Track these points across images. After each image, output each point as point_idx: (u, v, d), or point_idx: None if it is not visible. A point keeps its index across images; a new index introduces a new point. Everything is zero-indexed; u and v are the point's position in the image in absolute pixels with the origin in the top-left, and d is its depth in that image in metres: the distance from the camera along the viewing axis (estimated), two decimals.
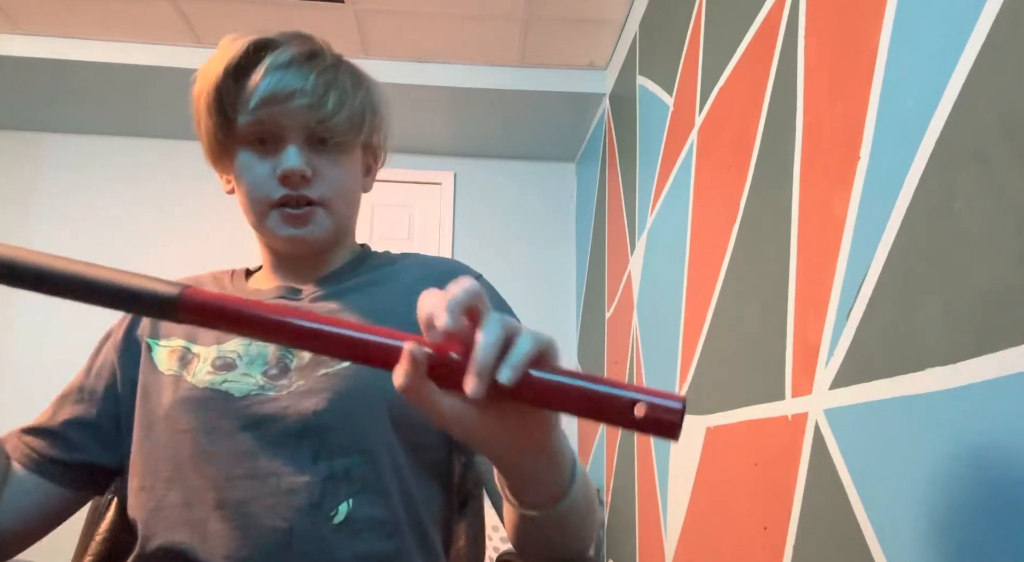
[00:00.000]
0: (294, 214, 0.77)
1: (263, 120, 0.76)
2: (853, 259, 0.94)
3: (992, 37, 0.72)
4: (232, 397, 0.71)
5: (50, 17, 2.45)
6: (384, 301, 0.79)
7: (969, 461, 0.72)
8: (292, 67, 0.76)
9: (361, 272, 0.85)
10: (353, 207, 0.85)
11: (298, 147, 0.77)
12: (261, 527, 0.65)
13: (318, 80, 0.76)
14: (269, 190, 0.77)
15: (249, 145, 0.78)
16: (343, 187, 0.81)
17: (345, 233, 0.86)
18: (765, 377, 1.18)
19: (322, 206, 0.79)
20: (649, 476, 1.85)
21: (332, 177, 0.79)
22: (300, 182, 0.77)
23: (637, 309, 2.08)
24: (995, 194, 0.70)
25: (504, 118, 2.89)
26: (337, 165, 0.80)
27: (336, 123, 0.77)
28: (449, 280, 0.77)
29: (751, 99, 1.33)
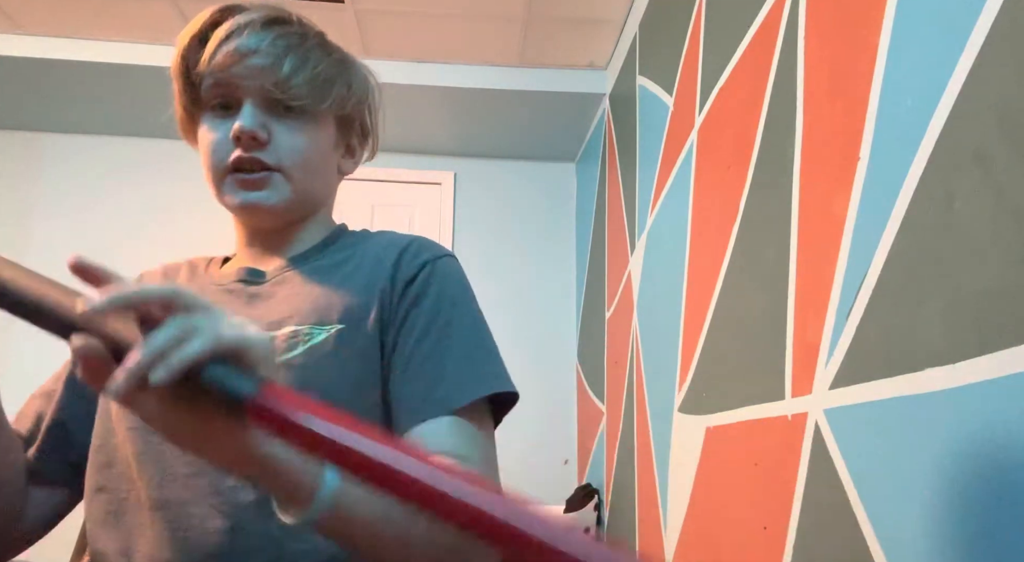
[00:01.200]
0: (247, 179, 0.75)
1: (221, 82, 0.75)
2: (853, 259, 0.94)
3: (992, 37, 0.72)
4: None
5: (50, 17, 2.45)
6: (343, 281, 0.76)
7: (969, 461, 0.72)
8: (251, 29, 0.74)
9: (332, 251, 0.82)
10: (317, 178, 0.80)
11: (253, 108, 0.74)
12: (200, 528, 0.63)
13: (277, 42, 0.74)
14: (224, 153, 0.75)
15: (211, 111, 0.77)
16: (303, 155, 0.77)
17: (310, 206, 0.82)
18: (765, 377, 1.18)
19: (279, 171, 0.76)
20: (649, 476, 1.85)
21: (291, 144, 0.76)
22: (252, 144, 0.74)
23: (637, 309, 2.08)
24: (995, 194, 0.70)
25: (504, 118, 2.89)
26: (298, 132, 0.77)
27: (294, 86, 0.75)
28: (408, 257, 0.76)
29: (751, 99, 1.32)
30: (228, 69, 0.74)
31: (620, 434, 2.21)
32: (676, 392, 1.65)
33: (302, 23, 0.79)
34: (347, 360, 0.70)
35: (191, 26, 0.76)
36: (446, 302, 0.75)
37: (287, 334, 0.70)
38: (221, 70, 0.74)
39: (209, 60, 0.74)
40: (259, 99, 0.75)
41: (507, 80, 2.69)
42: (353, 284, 0.75)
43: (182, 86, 0.77)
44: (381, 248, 0.79)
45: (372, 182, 3.09)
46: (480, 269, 3.11)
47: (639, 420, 1.98)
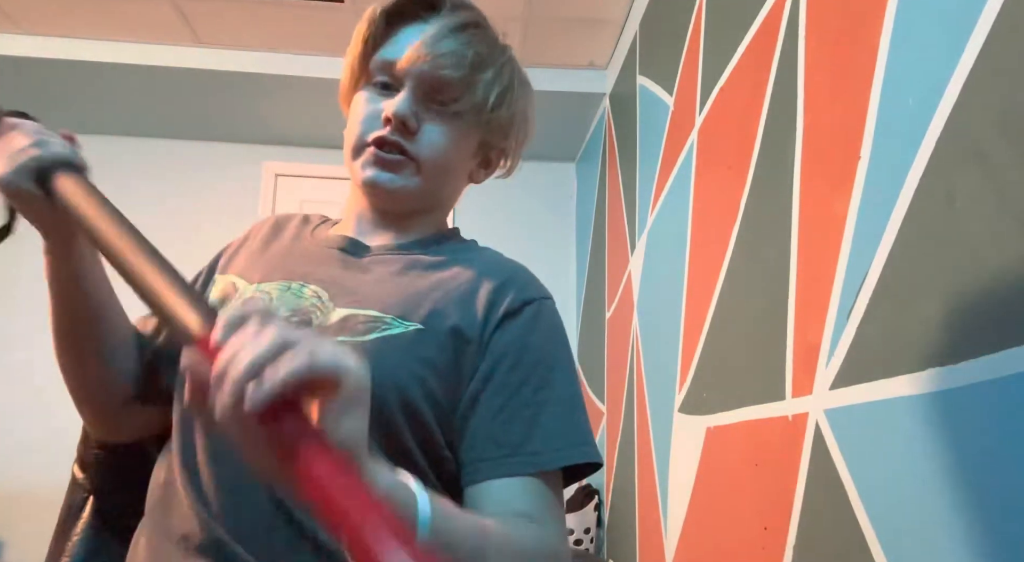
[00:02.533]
0: (384, 157, 0.76)
1: (394, 62, 0.76)
2: (853, 259, 0.94)
3: (992, 37, 0.72)
4: None
5: (50, 17, 2.45)
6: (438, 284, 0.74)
7: (969, 461, 0.72)
8: (453, 33, 0.76)
9: (436, 250, 0.81)
10: (447, 180, 0.82)
11: (412, 95, 0.76)
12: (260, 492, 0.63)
13: (470, 47, 0.76)
14: (371, 128, 0.76)
15: (372, 85, 0.78)
16: (443, 155, 0.78)
17: (432, 204, 0.83)
18: (765, 377, 1.18)
19: (414, 162, 0.77)
20: (649, 476, 1.85)
21: (434, 140, 0.77)
22: (401, 128, 0.75)
23: (637, 309, 2.08)
24: (995, 194, 0.70)
25: None
26: (444, 131, 0.77)
27: (465, 88, 0.77)
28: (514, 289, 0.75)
29: (751, 99, 1.32)
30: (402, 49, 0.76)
31: (620, 434, 2.21)
32: (676, 392, 1.65)
33: (489, 30, 0.81)
34: (416, 360, 0.68)
35: (384, 3, 0.78)
36: (550, 352, 0.73)
37: (369, 317, 0.70)
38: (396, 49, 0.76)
39: (393, 41, 0.77)
40: (419, 90, 0.76)
41: None
42: (446, 291, 0.74)
43: (358, 53, 0.79)
44: (485, 266, 0.78)
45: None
46: None
47: (639, 420, 1.98)
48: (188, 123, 2.98)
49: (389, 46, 0.77)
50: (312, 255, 0.79)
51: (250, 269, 0.78)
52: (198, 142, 3.12)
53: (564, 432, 0.68)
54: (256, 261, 0.79)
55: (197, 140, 3.12)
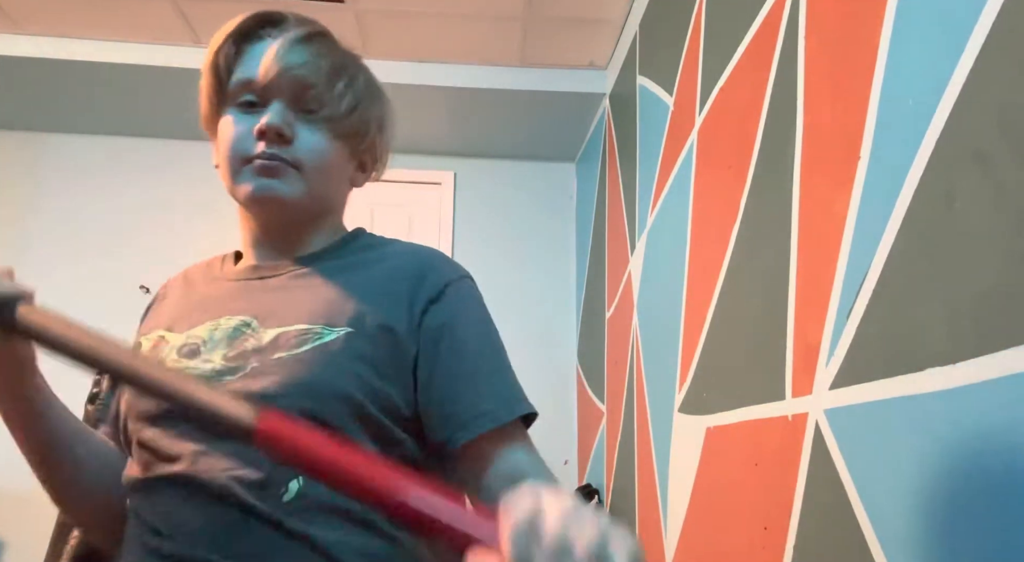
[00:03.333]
0: (265, 165, 0.76)
1: (253, 79, 0.77)
2: (853, 259, 0.94)
3: (992, 37, 0.72)
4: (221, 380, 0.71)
5: (50, 17, 2.45)
6: (357, 286, 0.77)
7: (969, 461, 0.72)
8: (300, 43, 0.78)
9: (344, 254, 0.84)
10: (331, 182, 0.83)
11: (283, 106, 0.77)
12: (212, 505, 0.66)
13: (322, 57, 0.79)
14: (246, 146, 0.77)
15: (238, 106, 0.79)
16: (322, 158, 0.80)
17: (320, 208, 0.83)
18: (765, 377, 1.18)
19: (295, 168, 0.78)
20: (649, 476, 1.85)
21: (311, 145, 0.79)
22: (277, 139, 0.76)
23: (637, 309, 2.08)
24: (995, 194, 0.70)
25: (504, 118, 2.89)
26: (319, 135, 0.79)
27: (329, 95, 0.79)
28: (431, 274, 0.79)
29: (751, 99, 1.33)
30: (258, 64, 0.77)
31: (620, 434, 2.21)
32: (676, 392, 1.65)
33: (336, 41, 0.84)
34: (353, 361, 0.71)
35: (229, 25, 0.80)
36: (478, 325, 0.79)
37: (299, 331, 0.72)
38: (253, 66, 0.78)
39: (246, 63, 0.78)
40: (288, 100, 0.78)
41: (507, 80, 2.69)
42: (367, 290, 0.77)
43: (212, 80, 0.80)
44: (398, 258, 0.82)
45: (372, 182, 3.09)
46: (480, 269, 3.09)
47: (639, 420, 1.98)
48: (188, 123, 2.98)
49: (243, 66, 0.79)
50: (230, 292, 0.81)
51: (175, 321, 0.79)
52: (198, 142, 3.12)
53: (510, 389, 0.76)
54: (179, 313, 0.80)
55: (197, 140, 3.11)
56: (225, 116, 0.80)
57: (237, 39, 0.79)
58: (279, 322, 0.73)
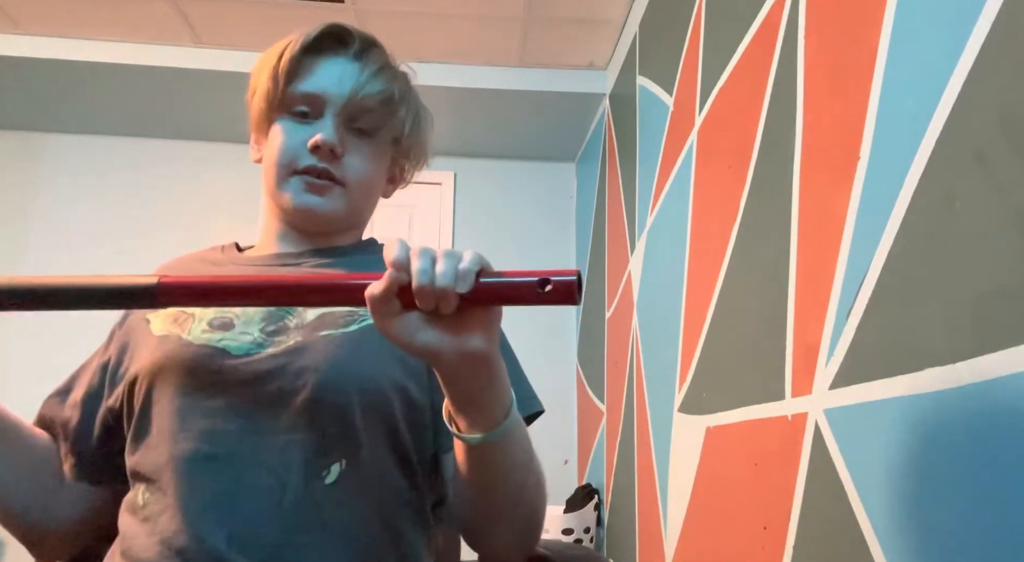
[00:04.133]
0: (315, 183, 0.80)
1: (317, 96, 0.80)
2: (853, 259, 0.94)
3: (992, 37, 0.72)
4: (229, 354, 0.71)
5: (50, 17, 2.45)
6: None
7: (969, 461, 0.72)
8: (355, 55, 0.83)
9: (364, 253, 0.87)
10: (369, 199, 0.87)
11: (337, 123, 0.80)
12: (252, 483, 0.66)
13: (390, 88, 0.83)
14: (297, 156, 0.80)
15: (290, 114, 0.81)
16: (366, 176, 0.83)
17: (355, 222, 0.88)
18: (765, 377, 1.18)
19: (341, 186, 0.81)
20: (649, 476, 1.85)
21: (359, 163, 0.82)
22: (329, 156, 0.79)
23: (637, 309, 2.08)
24: (995, 194, 0.70)
25: (504, 118, 2.89)
26: (366, 154, 0.83)
27: (378, 115, 0.82)
28: None
29: (751, 99, 1.33)
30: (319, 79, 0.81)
31: (620, 434, 2.21)
32: (676, 392, 1.65)
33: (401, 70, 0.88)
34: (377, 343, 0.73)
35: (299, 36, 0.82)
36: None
37: (345, 312, 0.75)
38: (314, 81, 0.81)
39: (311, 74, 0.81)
40: (342, 117, 0.81)
41: (507, 80, 2.69)
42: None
43: (271, 87, 0.81)
44: None
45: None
46: None
47: (639, 420, 1.98)
48: (188, 123, 2.98)
49: (308, 79, 0.81)
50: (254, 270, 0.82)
51: None
52: (198, 142, 3.12)
53: (527, 389, 0.82)
54: None
55: (197, 140, 3.11)
56: (279, 122, 0.82)
57: (305, 50, 0.81)
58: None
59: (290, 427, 0.68)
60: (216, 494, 0.66)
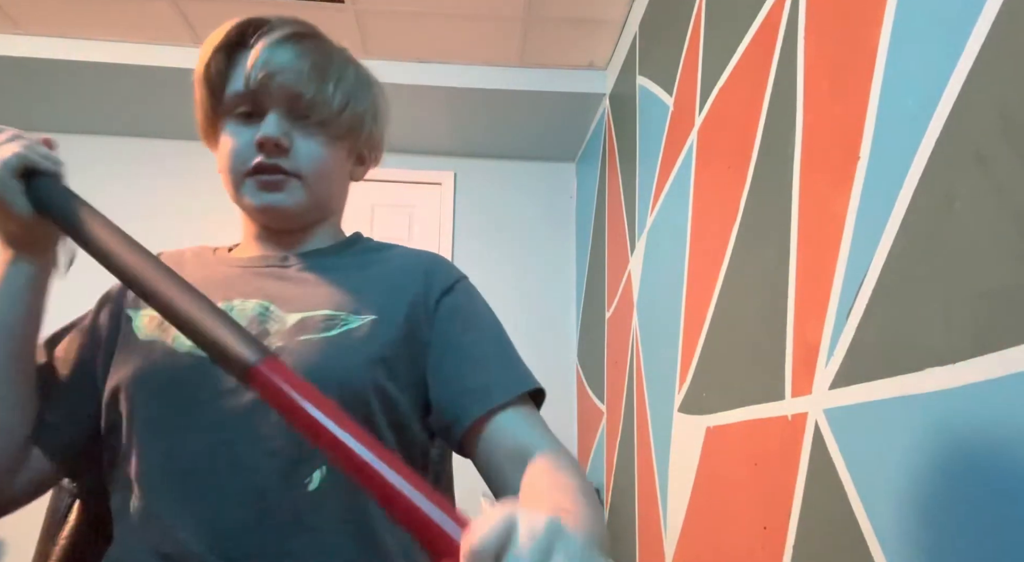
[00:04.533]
0: (267, 180, 0.78)
1: (248, 91, 0.78)
2: (853, 259, 0.94)
3: (992, 37, 0.72)
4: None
5: (50, 17, 2.45)
6: (371, 281, 0.80)
7: (969, 461, 0.72)
8: (282, 44, 0.78)
9: (352, 253, 0.86)
10: (331, 186, 0.84)
11: (279, 116, 0.78)
12: (235, 491, 0.66)
13: (304, 59, 0.79)
14: (246, 157, 0.78)
15: (235, 117, 0.80)
16: (321, 164, 0.81)
17: (323, 212, 0.86)
18: (765, 377, 1.18)
19: (296, 178, 0.79)
20: (649, 476, 1.85)
21: (310, 152, 0.80)
22: (275, 150, 0.77)
23: (637, 309, 2.08)
24: (995, 194, 0.70)
25: (504, 118, 2.89)
26: (317, 142, 0.80)
27: (320, 99, 0.79)
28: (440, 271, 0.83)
29: (751, 99, 1.33)
30: (259, 81, 0.77)
31: (620, 434, 2.21)
32: (676, 392, 1.65)
33: (322, 35, 0.84)
34: (378, 347, 0.74)
35: (216, 35, 0.80)
36: (486, 315, 0.84)
37: (325, 316, 0.75)
38: (250, 81, 0.77)
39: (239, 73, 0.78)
40: (284, 108, 0.78)
41: (507, 80, 2.69)
42: (381, 286, 0.80)
43: (205, 93, 0.81)
44: (404, 259, 0.85)
45: (372, 182, 3.09)
46: (480, 269, 3.10)
47: (639, 420, 1.98)
48: (188, 123, 2.98)
49: (235, 78, 0.79)
50: (239, 276, 0.80)
51: None
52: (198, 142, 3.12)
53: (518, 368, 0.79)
54: None
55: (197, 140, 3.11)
56: (225, 127, 0.81)
57: (225, 49, 0.80)
58: (301, 307, 0.75)
59: (272, 434, 0.68)
60: (201, 503, 0.66)
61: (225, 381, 0.69)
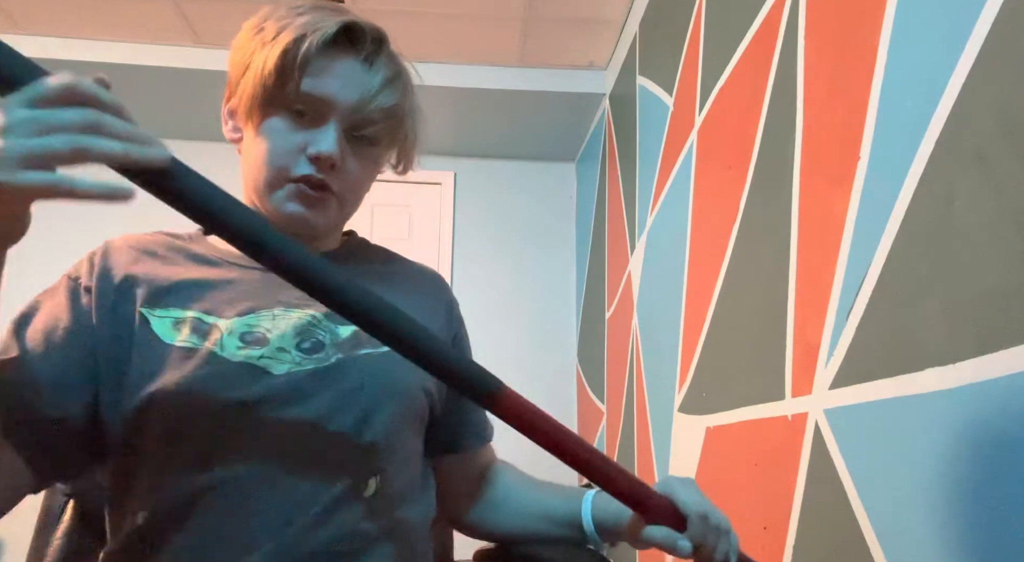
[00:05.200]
0: (309, 195, 0.74)
1: (318, 96, 0.73)
2: (853, 259, 0.94)
3: (992, 37, 0.72)
4: (269, 372, 0.68)
5: (50, 17, 2.45)
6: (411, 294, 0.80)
7: (969, 461, 0.72)
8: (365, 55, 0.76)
9: (361, 261, 0.84)
10: (359, 203, 0.83)
11: (338, 132, 0.74)
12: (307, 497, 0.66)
13: (403, 100, 0.78)
14: (292, 163, 0.73)
15: (288, 112, 0.74)
16: (361, 185, 0.80)
17: (343, 225, 0.86)
18: (765, 377, 1.18)
19: (337, 198, 0.76)
20: (649, 476, 1.85)
21: (355, 173, 0.77)
22: (328, 169, 0.74)
23: (637, 309, 2.08)
24: (995, 194, 0.70)
25: (504, 118, 2.89)
26: (364, 163, 0.78)
27: (384, 127, 0.77)
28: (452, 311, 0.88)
29: (751, 99, 1.33)
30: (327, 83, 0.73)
31: (620, 434, 2.21)
32: (676, 392, 1.65)
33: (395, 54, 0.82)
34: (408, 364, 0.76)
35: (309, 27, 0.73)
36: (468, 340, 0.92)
37: None
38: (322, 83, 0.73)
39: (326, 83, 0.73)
40: (344, 124, 0.75)
41: (507, 80, 2.69)
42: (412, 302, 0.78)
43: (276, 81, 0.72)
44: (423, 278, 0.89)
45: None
46: (480, 269, 3.11)
47: (639, 420, 1.98)
48: (188, 123, 2.98)
49: (317, 79, 0.73)
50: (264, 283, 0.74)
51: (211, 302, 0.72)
52: (199, 142, 3.12)
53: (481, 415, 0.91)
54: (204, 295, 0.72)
55: (198, 140, 3.11)
56: (274, 119, 0.74)
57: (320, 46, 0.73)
58: None
59: (338, 443, 0.68)
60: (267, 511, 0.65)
61: (284, 390, 0.68)
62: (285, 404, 0.68)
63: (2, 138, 0.48)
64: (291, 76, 0.72)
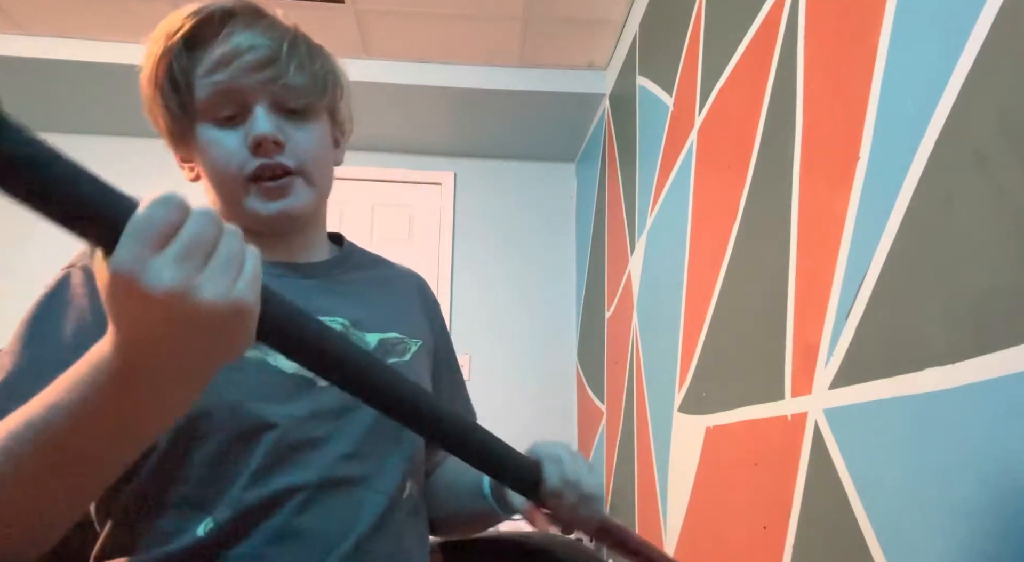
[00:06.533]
0: (274, 187, 0.71)
1: (224, 86, 0.69)
2: (853, 259, 0.94)
3: (992, 37, 0.72)
4: (316, 383, 0.69)
5: (50, 17, 2.45)
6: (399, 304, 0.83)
7: (969, 461, 0.72)
8: (249, 29, 0.70)
9: (355, 271, 0.82)
10: (329, 178, 0.79)
11: (267, 110, 0.70)
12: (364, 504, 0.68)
13: (276, 41, 0.71)
14: (241, 162, 0.70)
15: (211, 120, 0.71)
16: (317, 154, 0.75)
17: (322, 203, 0.80)
18: (765, 377, 1.18)
19: (300, 175, 0.73)
20: (649, 476, 1.85)
21: (305, 144, 0.73)
22: (274, 148, 0.70)
23: (637, 309, 2.08)
24: (995, 194, 0.70)
25: (504, 118, 2.89)
26: (308, 131, 0.74)
27: (301, 85, 0.72)
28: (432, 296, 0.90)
29: (751, 99, 1.33)
30: (231, 70, 0.69)
31: (620, 434, 2.21)
32: (676, 392, 1.65)
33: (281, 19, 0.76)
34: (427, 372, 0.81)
35: (169, 29, 0.70)
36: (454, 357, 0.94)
37: (396, 338, 0.77)
38: (221, 71, 0.69)
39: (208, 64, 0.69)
40: (268, 103, 0.71)
41: (507, 80, 2.69)
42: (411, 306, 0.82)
43: (171, 96, 0.71)
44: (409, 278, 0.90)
45: (372, 182, 3.09)
46: (480, 269, 3.11)
47: (639, 420, 1.98)
48: None
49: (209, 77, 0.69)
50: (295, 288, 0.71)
51: None
52: None
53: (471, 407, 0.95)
54: None
55: None
56: (202, 133, 0.72)
57: (186, 44, 0.69)
58: (373, 327, 0.76)
59: (387, 451, 0.71)
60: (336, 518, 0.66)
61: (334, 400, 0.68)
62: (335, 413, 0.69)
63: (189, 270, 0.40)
64: (183, 86, 0.70)
